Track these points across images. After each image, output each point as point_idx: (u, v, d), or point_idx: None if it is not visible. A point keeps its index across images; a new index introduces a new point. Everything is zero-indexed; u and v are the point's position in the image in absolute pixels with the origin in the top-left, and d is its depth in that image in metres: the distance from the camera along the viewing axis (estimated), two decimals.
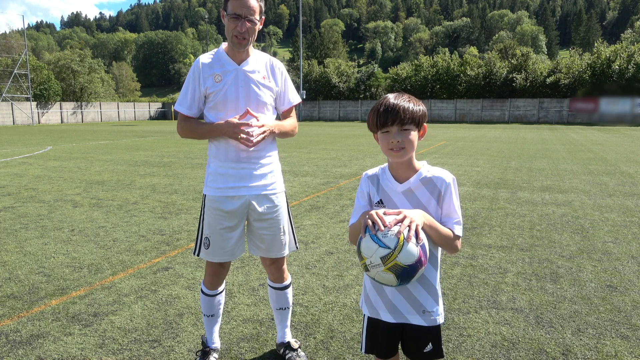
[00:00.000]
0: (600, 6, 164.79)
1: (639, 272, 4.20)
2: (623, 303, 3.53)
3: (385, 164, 1.82)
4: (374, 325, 1.82)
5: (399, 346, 1.86)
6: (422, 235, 1.58)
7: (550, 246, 4.97)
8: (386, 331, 1.79)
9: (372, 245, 1.56)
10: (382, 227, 1.54)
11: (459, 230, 1.71)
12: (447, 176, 1.72)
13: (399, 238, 1.53)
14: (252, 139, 2.38)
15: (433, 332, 1.77)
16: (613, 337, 3.01)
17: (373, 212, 1.59)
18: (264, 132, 2.42)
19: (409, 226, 1.54)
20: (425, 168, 1.75)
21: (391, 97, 1.67)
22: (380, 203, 1.77)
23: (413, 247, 1.54)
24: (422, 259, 1.57)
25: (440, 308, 1.77)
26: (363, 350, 1.87)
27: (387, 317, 1.77)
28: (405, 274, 1.55)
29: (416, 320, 1.74)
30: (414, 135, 1.67)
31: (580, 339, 2.99)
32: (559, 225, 5.87)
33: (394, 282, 1.57)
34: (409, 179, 1.73)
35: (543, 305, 3.49)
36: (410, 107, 1.65)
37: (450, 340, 2.98)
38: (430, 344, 1.76)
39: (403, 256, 1.53)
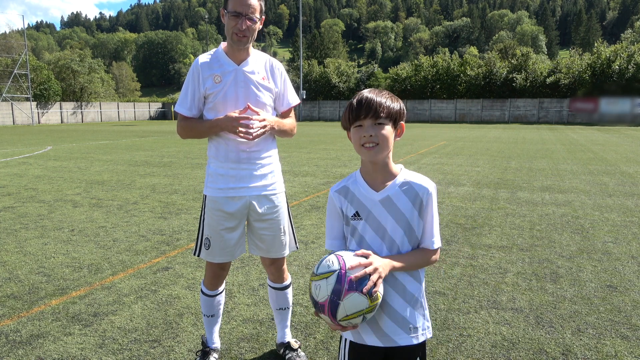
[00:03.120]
0: (600, 6, 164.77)
1: (639, 272, 4.20)
2: (623, 303, 3.53)
3: (355, 172, 1.67)
4: (356, 350, 1.67)
5: None
6: (380, 288, 1.50)
7: (550, 246, 4.97)
8: (371, 355, 1.65)
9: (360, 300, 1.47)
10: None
11: (438, 243, 1.62)
12: (430, 184, 1.60)
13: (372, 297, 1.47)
14: (251, 131, 2.38)
15: (421, 349, 1.67)
16: (613, 337, 3.01)
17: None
18: (265, 126, 2.42)
19: (375, 282, 1.47)
20: (403, 173, 1.62)
21: (366, 91, 1.57)
22: (357, 216, 1.61)
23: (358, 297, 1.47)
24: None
25: (428, 322, 1.67)
26: None
27: (373, 341, 1.62)
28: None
29: (404, 340, 1.62)
30: (388, 130, 1.54)
31: (580, 339, 2.99)
32: (559, 225, 5.87)
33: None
34: (385, 185, 1.59)
35: (543, 305, 3.49)
36: (386, 102, 1.54)
37: (450, 340, 2.98)
38: (418, 358, 1.67)
39: (350, 306, 1.47)
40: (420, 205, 1.59)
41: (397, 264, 1.55)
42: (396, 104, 1.57)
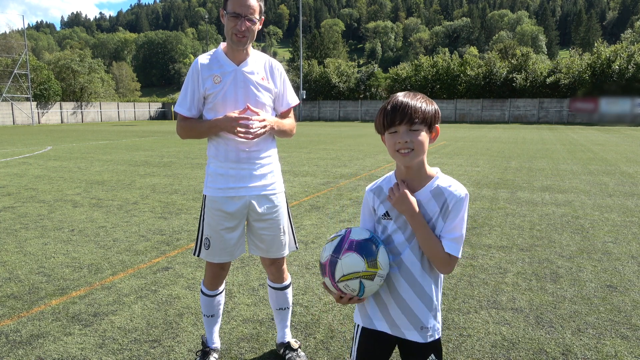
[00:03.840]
0: (600, 6, 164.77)
1: (639, 272, 4.20)
2: (623, 303, 3.53)
3: (390, 173, 1.71)
4: (368, 336, 1.73)
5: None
6: (381, 258, 1.62)
7: (550, 246, 4.97)
8: (382, 343, 1.71)
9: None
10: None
11: (454, 249, 1.56)
12: (462, 190, 1.59)
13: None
14: (251, 131, 2.38)
15: (434, 346, 1.70)
16: (613, 337, 3.01)
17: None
18: (264, 126, 2.42)
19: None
20: (438, 177, 1.63)
21: (400, 95, 1.57)
22: (387, 215, 1.65)
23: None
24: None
25: (438, 324, 1.70)
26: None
27: (383, 327, 1.68)
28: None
29: (413, 336, 1.66)
30: (424, 136, 1.55)
31: (580, 339, 2.99)
32: (559, 225, 5.87)
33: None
34: (420, 187, 1.61)
35: (543, 305, 3.49)
36: (421, 106, 1.54)
37: (450, 340, 2.98)
38: (432, 355, 1.70)
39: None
40: (446, 210, 1.59)
41: (420, 217, 1.58)
42: (431, 108, 1.57)
